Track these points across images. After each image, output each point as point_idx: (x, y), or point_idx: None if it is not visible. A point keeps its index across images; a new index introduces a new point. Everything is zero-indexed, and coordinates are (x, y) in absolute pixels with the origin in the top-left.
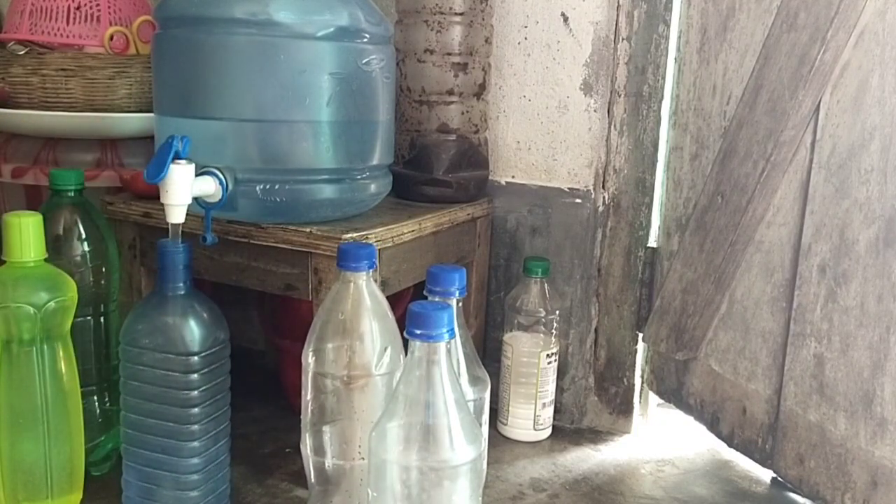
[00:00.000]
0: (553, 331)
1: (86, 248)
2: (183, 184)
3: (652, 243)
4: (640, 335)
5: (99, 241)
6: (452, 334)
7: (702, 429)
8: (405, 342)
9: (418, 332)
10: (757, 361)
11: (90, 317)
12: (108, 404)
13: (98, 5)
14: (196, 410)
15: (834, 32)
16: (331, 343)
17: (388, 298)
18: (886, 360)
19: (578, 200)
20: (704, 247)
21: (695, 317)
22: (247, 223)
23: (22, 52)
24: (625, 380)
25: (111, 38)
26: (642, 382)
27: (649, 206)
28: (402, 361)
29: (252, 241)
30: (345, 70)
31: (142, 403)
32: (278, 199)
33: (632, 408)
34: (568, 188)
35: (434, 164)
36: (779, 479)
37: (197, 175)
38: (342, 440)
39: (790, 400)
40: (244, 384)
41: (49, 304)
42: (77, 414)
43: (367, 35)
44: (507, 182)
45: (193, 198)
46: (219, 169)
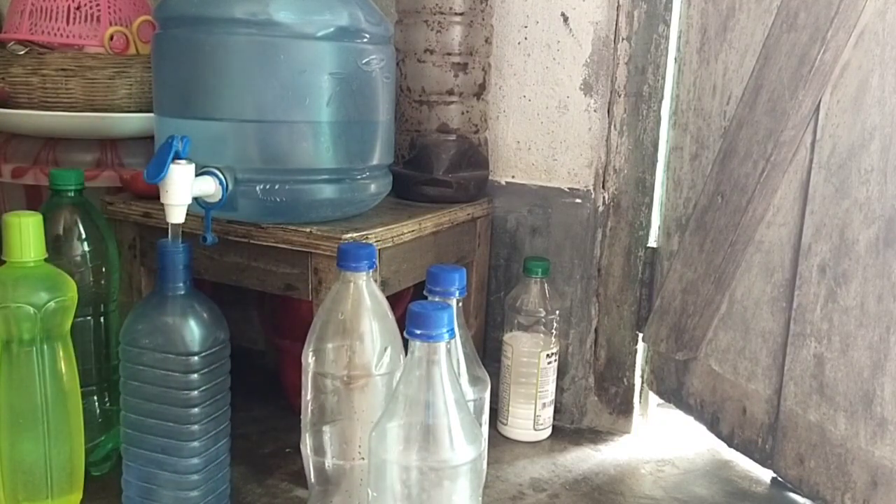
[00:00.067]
0: (553, 331)
1: (86, 248)
2: (183, 184)
3: (652, 243)
4: (640, 335)
5: (99, 241)
6: (452, 334)
7: (702, 429)
8: (405, 342)
9: (418, 332)
10: (757, 361)
11: (90, 317)
12: (108, 404)
13: (98, 5)
14: (196, 410)
15: (834, 32)
16: (331, 343)
17: (388, 298)
18: (886, 360)
19: (578, 200)
20: (704, 247)
21: (695, 317)
22: (247, 223)
23: (22, 52)
24: (625, 380)
25: (111, 38)
26: (642, 382)
27: (649, 206)
28: (402, 361)
29: (252, 241)
30: (345, 70)
31: (142, 403)
32: (278, 199)
33: (632, 408)
34: (568, 188)
35: (434, 164)
36: (779, 479)
37: (197, 175)
38: (342, 440)
39: (790, 400)
40: (244, 384)
41: (49, 304)
42: (77, 414)
43: (367, 35)
44: (507, 182)
45: (193, 198)
46: (219, 169)
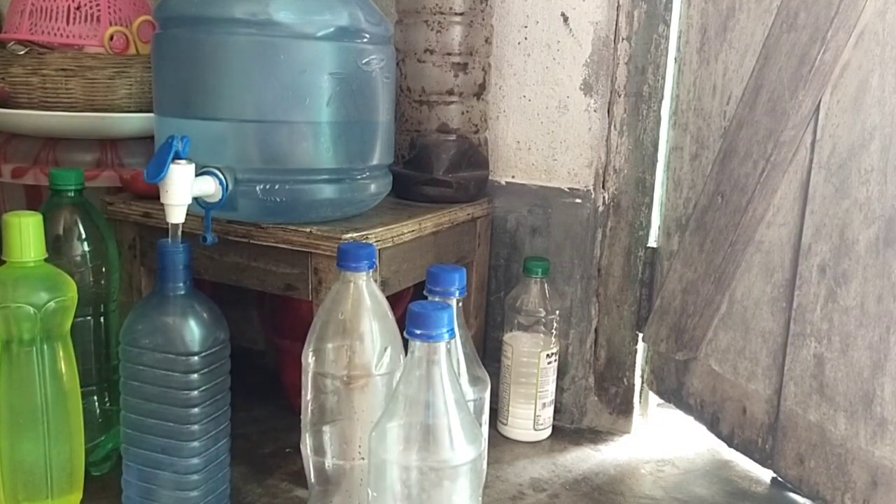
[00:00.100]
0: (553, 331)
1: (86, 248)
2: (183, 184)
3: (652, 243)
4: (640, 335)
5: (99, 241)
6: (452, 334)
7: (702, 429)
8: (405, 342)
9: (418, 332)
10: (757, 361)
11: (90, 317)
12: (108, 404)
13: (98, 5)
14: (196, 410)
15: (834, 32)
16: (331, 343)
17: (388, 298)
18: (886, 360)
19: (578, 200)
20: (704, 247)
21: (695, 317)
22: (247, 223)
23: (22, 52)
24: (625, 380)
25: (111, 38)
26: (642, 382)
27: (649, 206)
28: (402, 361)
29: (252, 241)
30: (345, 70)
31: (142, 403)
32: (278, 199)
33: (632, 408)
34: (568, 188)
35: (434, 164)
36: (779, 479)
37: (197, 175)
38: (342, 440)
39: (790, 400)
40: (244, 384)
41: (49, 304)
42: (77, 414)
43: (367, 35)
44: (507, 182)
45: (193, 198)
46: (219, 169)
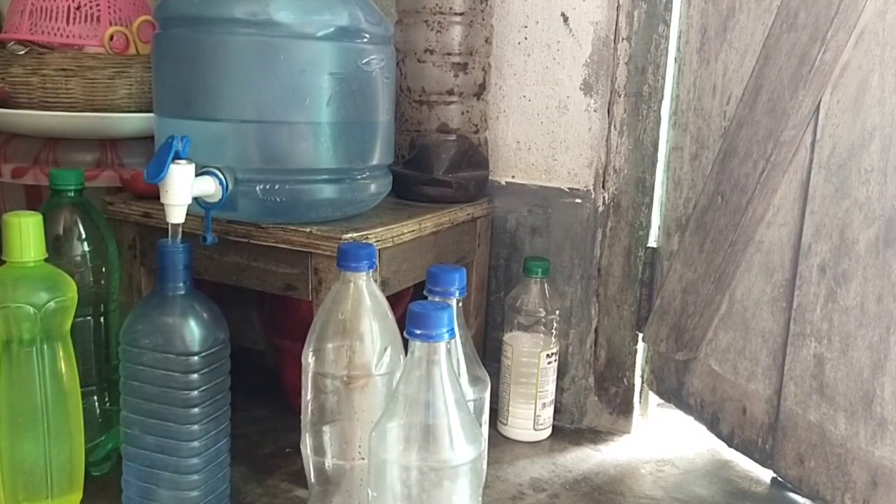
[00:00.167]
0: (553, 331)
1: (86, 248)
2: (183, 184)
3: (652, 243)
4: (640, 335)
5: (99, 241)
6: (452, 334)
7: (702, 429)
8: (405, 342)
9: (418, 332)
10: (757, 361)
11: (90, 317)
12: (108, 404)
13: (98, 5)
14: (196, 410)
15: (834, 32)
16: (331, 343)
17: (388, 298)
18: (886, 360)
19: (578, 200)
20: (704, 247)
21: (695, 317)
22: (247, 223)
23: (22, 52)
24: (625, 380)
25: (111, 38)
26: (642, 382)
27: (649, 206)
28: (402, 361)
29: (252, 241)
30: (345, 70)
31: (142, 403)
32: (278, 199)
33: (632, 408)
34: (568, 188)
35: (434, 164)
36: (779, 479)
37: (197, 175)
38: (342, 440)
39: (790, 400)
40: (244, 384)
41: (49, 304)
42: (77, 414)
43: (367, 35)
44: (507, 182)
45: (193, 198)
46: (219, 169)
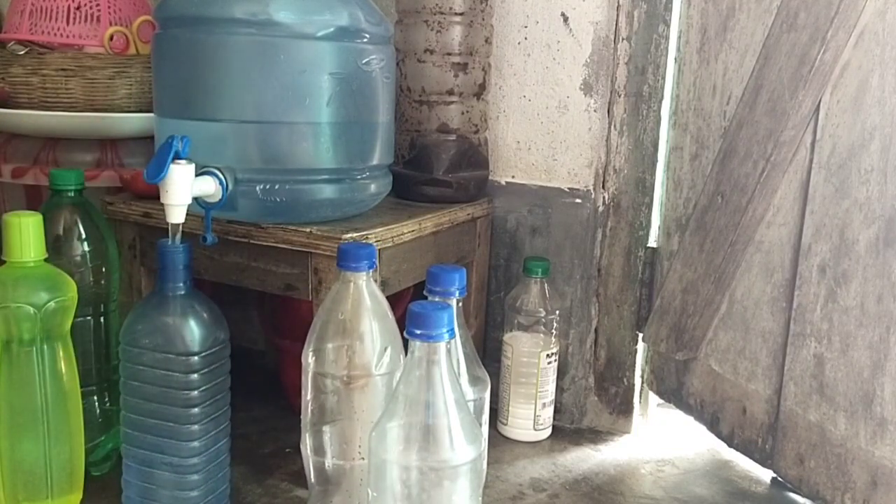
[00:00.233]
0: (553, 331)
1: (86, 248)
2: (183, 184)
3: (652, 243)
4: (640, 335)
5: (99, 241)
6: (452, 334)
7: (702, 429)
8: (405, 342)
9: (418, 332)
10: (757, 361)
11: (90, 317)
12: (108, 404)
13: (98, 5)
14: (196, 410)
15: (834, 32)
16: (331, 343)
17: (388, 298)
18: (886, 360)
19: (578, 200)
20: (704, 247)
21: (695, 317)
22: (247, 223)
23: (22, 52)
24: (625, 380)
25: (111, 38)
26: (642, 382)
27: (649, 206)
28: (402, 361)
29: (252, 241)
30: (345, 70)
31: (142, 403)
32: (278, 199)
33: (632, 408)
34: (568, 188)
35: (434, 164)
36: (779, 479)
37: (197, 175)
38: (342, 440)
39: (790, 400)
40: (244, 384)
41: (49, 304)
42: (77, 414)
43: (367, 35)
44: (507, 182)
45: (193, 198)
46: (219, 169)
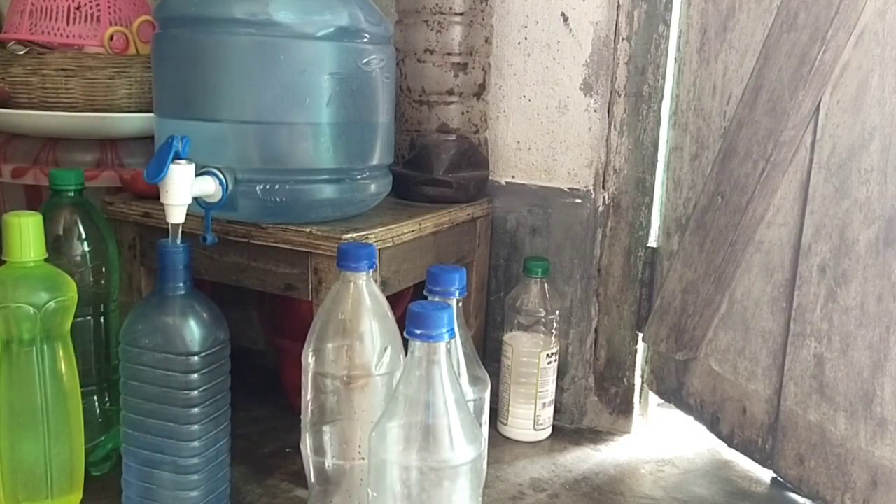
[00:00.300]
0: (553, 331)
1: (86, 248)
2: (183, 184)
3: (652, 243)
4: (640, 335)
5: (99, 241)
6: (452, 334)
7: (702, 429)
8: (405, 342)
9: (418, 332)
10: (757, 361)
11: (90, 317)
12: (108, 404)
13: (98, 5)
14: (196, 410)
15: (834, 32)
16: (331, 343)
17: (388, 298)
18: (886, 360)
19: (578, 200)
20: (704, 247)
21: (695, 317)
22: (247, 223)
23: (22, 52)
24: (625, 380)
25: (111, 38)
26: (642, 382)
27: (649, 206)
28: (402, 361)
29: (252, 241)
30: (345, 70)
31: (142, 403)
32: (278, 199)
33: (632, 408)
34: (568, 188)
35: (434, 164)
36: (779, 479)
37: (197, 175)
38: (342, 440)
39: (790, 400)
40: (244, 384)
41: (49, 304)
42: (77, 414)
43: (367, 35)
44: (507, 182)
45: (193, 198)
46: (219, 169)
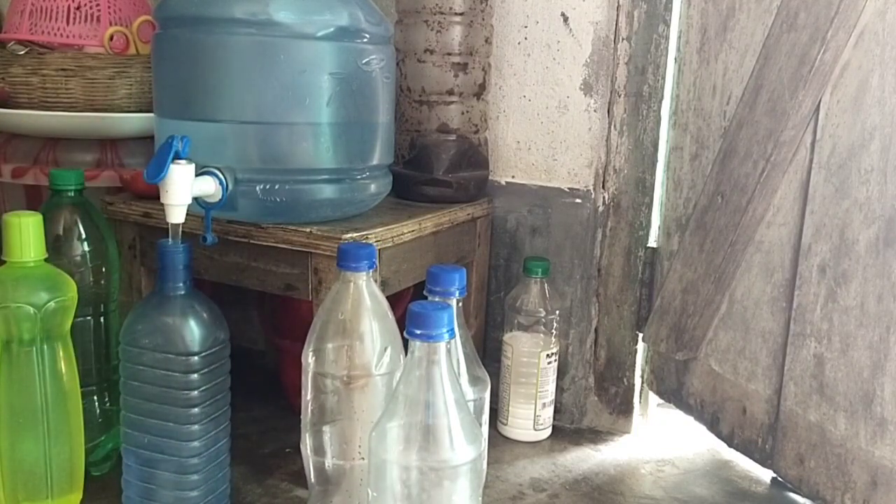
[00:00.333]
0: (553, 331)
1: (86, 248)
2: (183, 184)
3: (652, 243)
4: (640, 335)
5: (99, 241)
6: (452, 334)
7: (702, 429)
8: (405, 342)
9: (418, 332)
10: (757, 361)
11: (90, 317)
12: (108, 404)
13: (98, 5)
14: (196, 410)
15: (834, 32)
16: (331, 343)
17: (388, 298)
18: (886, 360)
19: (578, 200)
20: (704, 247)
21: (695, 317)
22: (247, 223)
23: (22, 52)
24: (625, 380)
25: (111, 38)
26: (642, 382)
27: (649, 206)
28: (402, 361)
29: (252, 241)
30: (345, 70)
31: (142, 403)
32: (278, 199)
33: (632, 408)
34: (568, 188)
35: (434, 164)
36: (779, 479)
37: (197, 175)
38: (342, 440)
39: (790, 400)
40: (244, 384)
41: (49, 304)
42: (77, 414)
43: (367, 35)
44: (507, 182)
45: (193, 198)
46: (219, 169)
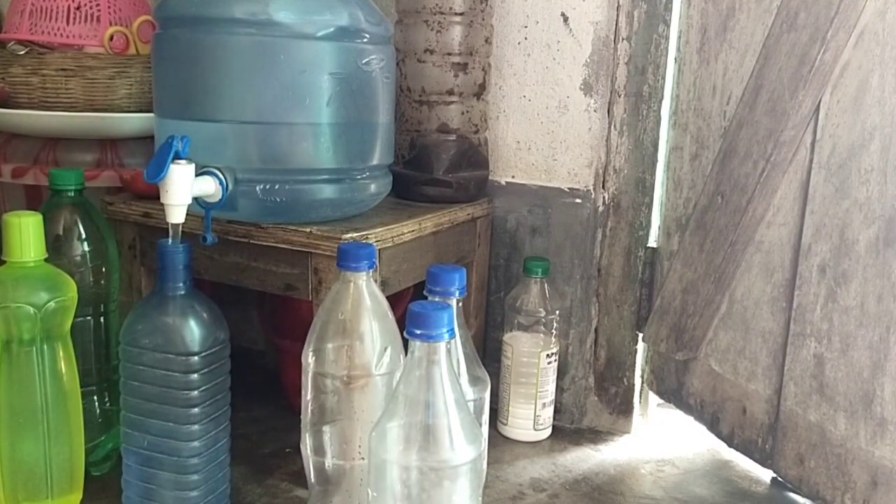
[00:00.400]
0: (553, 331)
1: (86, 248)
2: (183, 184)
3: (652, 243)
4: (640, 335)
5: (99, 241)
6: (452, 334)
7: (702, 429)
8: (405, 342)
9: (418, 332)
10: (757, 361)
11: (90, 317)
12: (108, 404)
13: (98, 5)
14: (196, 410)
15: (834, 32)
16: (331, 343)
17: (388, 298)
18: (886, 360)
19: (578, 200)
20: (704, 247)
21: (695, 317)
22: (247, 223)
23: (22, 52)
24: (625, 380)
25: (111, 38)
26: (642, 382)
27: (649, 206)
28: (402, 361)
29: (252, 241)
30: (345, 70)
31: (142, 403)
32: (278, 199)
33: (632, 408)
34: (568, 188)
35: (434, 164)
36: (779, 479)
37: (197, 175)
38: (342, 440)
39: (790, 400)
40: (244, 384)
41: (49, 304)
42: (77, 414)
43: (367, 35)
44: (507, 182)
45: (193, 198)
46: (219, 169)
